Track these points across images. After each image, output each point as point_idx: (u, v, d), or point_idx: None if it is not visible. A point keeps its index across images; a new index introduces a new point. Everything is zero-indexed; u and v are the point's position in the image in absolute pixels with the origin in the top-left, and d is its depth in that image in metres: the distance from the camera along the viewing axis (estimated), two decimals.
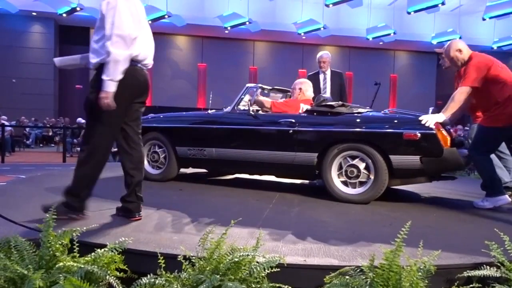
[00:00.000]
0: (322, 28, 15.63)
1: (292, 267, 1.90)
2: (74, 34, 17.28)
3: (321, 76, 5.19)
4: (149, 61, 2.75)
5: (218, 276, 1.58)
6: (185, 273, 1.75)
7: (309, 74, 5.42)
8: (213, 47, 18.38)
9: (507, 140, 3.41)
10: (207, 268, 1.74)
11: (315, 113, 3.82)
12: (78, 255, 1.88)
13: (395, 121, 3.51)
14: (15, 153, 10.88)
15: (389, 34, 15.98)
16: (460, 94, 3.30)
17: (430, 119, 3.29)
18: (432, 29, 16.86)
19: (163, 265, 1.79)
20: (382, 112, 3.88)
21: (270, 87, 4.72)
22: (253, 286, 1.72)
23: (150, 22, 15.29)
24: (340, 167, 3.59)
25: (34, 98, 16.12)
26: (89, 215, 2.70)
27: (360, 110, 3.86)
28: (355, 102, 4.43)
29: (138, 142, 2.81)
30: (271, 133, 3.91)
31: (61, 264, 1.76)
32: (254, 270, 1.71)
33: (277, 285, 1.75)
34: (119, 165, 2.87)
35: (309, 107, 3.99)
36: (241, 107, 4.20)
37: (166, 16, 14.91)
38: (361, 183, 3.53)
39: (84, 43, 16.33)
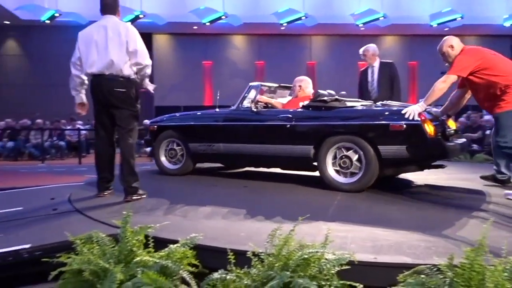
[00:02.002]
0: (381, 18, 15.01)
1: (362, 265, 1.85)
2: None
3: (369, 70, 5.02)
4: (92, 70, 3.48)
5: (288, 273, 1.58)
6: (254, 269, 1.77)
7: (362, 69, 5.25)
8: (270, 45, 18.39)
9: None
10: (276, 265, 1.74)
11: (310, 108, 4.01)
12: (153, 250, 1.97)
13: (383, 113, 3.70)
14: (89, 154, 11.67)
15: (455, 19, 14.99)
16: (441, 83, 3.38)
17: (412, 112, 3.40)
18: (504, 11, 15.57)
19: (233, 261, 1.82)
20: (375, 105, 4.06)
21: (276, 84, 4.99)
22: (323, 283, 1.70)
23: (208, 23, 15.75)
24: (334, 158, 3.77)
25: None
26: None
27: (353, 104, 4.01)
28: (422, 94, 4.24)
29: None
30: (271, 128, 4.16)
31: (138, 258, 1.86)
32: (324, 267, 1.69)
33: (348, 282, 1.71)
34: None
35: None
36: (245, 104, 4.43)
37: (223, 17, 15.18)
38: (353, 173, 3.69)
39: (147, 48, 17.09)
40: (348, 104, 3.95)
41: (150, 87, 3.69)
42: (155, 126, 5.01)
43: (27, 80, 17.29)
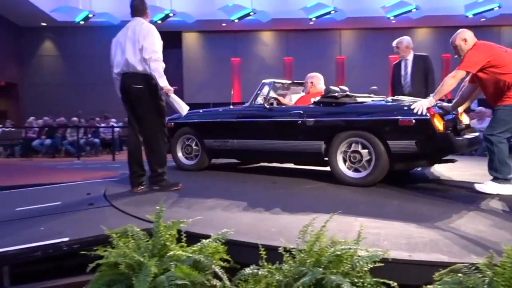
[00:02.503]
0: (414, 10, 14.60)
1: (396, 262, 1.81)
2: (168, 38, 18.43)
3: (402, 63, 4.86)
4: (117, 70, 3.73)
5: (320, 269, 1.57)
6: (286, 265, 1.76)
7: (394, 62, 5.12)
8: (299, 40, 18.25)
9: None
10: (308, 261, 1.73)
11: (321, 104, 4.08)
12: (185, 244, 2.00)
13: (392, 108, 3.71)
14: (123, 151, 11.98)
15: (492, 9, 14.39)
16: (451, 78, 3.34)
17: (421, 107, 3.42)
18: None
19: (265, 257, 1.82)
20: (385, 100, 4.06)
21: (290, 81, 5.12)
22: (355, 280, 1.68)
23: (236, 20, 15.79)
24: (344, 153, 3.82)
25: None
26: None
27: (364, 99, 4.05)
28: (456, 87, 4.11)
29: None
30: (283, 124, 4.23)
31: (171, 253, 1.89)
32: (357, 264, 1.67)
33: (381, 280, 1.68)
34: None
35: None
36: (258, 101, 4.54)
37: (251, 13, 15.19)
38: (363, 168, 3.73)
39: (177, 47, 17.34)
40: (359, 99, 4.00)
41: (163, 84, 3.55)
42: (172, 123, 5.14)
43: (63, 80, 17.92)
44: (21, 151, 10.99)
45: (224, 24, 17.13)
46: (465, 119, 4.13)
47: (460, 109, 3.99)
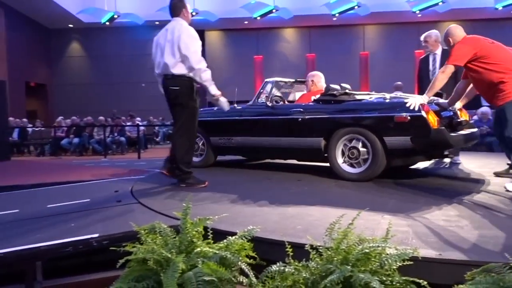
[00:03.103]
0: (440, 3, 14.28)
1: (426, 261, 1.77)
2: None
3: (430, 57, 4.74)
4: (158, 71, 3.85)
5: (348, 267, 1.55)
6: (313, 262, 1.75)
7: (421, 57, 5.00)
8: (321, 36, 18.11)
9: None
10: (335, 258, 1.72)
11: (320, 102, 4.21)
12: (212, 241, 2.02)
13: (388, 105, 3.81)
14: (147, 149, 12.19)
15: None
16: (441, 74, 3.39)
17: (414, 102, 3.49)
18: None
19: (291, 254, 1.82)
20: (383, 97, 4.08)
21: (293, 80, 5.25)
22: (384, 279, 1.65)
23: (259, 18, 15.79)
24: (343, 150, 3.94)
25: (159, 99, 17.76)
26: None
27: (362, 96, 4.14)
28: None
29: None
30: (284, 121, 4.34)
31: (198, 249, 1.91)
32: (385, 262, 1.64)
33: (411, 279, 1.65)
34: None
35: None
36: (261, 100, 4.68)
37: (274, 11, 15.16)
38: (361, 163, 3.85)
39: None
40: (358, 97, 4.09)
41: (213, 92, 3.82)
42: None
43: (89, 80, 18.35)
44: (50, 150, 11.33)
45: (246, 22, 17.16)
46: (464, 115, 4.17)
47: (459, 105, 3.97)
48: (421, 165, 4.75)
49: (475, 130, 4.21)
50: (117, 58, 17.91)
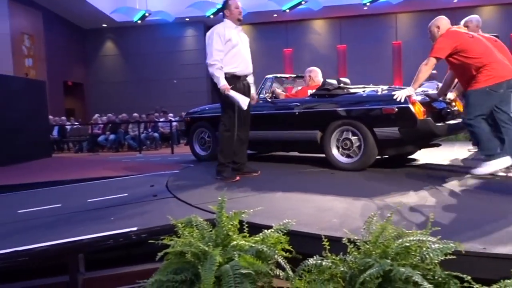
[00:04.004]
0: None
1: (470, 255, 1.71)
2: None
3: None
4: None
5: (388, 261, 1.52)
6: (350, 256, 1.73)
7: None
8: (352, 27, 17.74)
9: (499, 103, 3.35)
10: (374, 252, 1.69)
11: (316, 96, 4.44)
12: (248, 235, 2.03)
13: (378, 98, 4.01)
14: (180, 144, 12.38)
15: None
16: (424, 66, 3.52)
17: (401, 94, 3.67)
18: None
19: (328, 247, 1.80)
20: (374, 91, 4.24)
21: (294, 75, 5.54)
22: (425, 273, 1.61)
23: (288, 10, 15.64)
24: (337, 141, 4.16)
25: (191, 95, 18.03)
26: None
27: (355, 90, 4.34)
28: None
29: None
30: (283, 115, 4.55)
31: (234, 242, 1.92)
32: (427, 256, 1.59)
33: (453, 273, 1.60)
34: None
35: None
36: (262, 95, 4.90)
37: (303, 2, 14.98)
38: (354, 154, 4.07)
39: None
40: (351, 91, 4.30)
41: (219, 85, 3.78)
42: (188, 118, 5.73)
43: (123, 78, 18.81)
44: (88, 146, 11.71)
45: (275, 15, 17.06)
46: (458, 105, 4.28)
47: (452, 95, 4.14)
48: (464, 157, 4.59)
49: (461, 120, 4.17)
50: (149, 55, 18.26)
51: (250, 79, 4.13)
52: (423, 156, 4.86)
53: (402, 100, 3.67)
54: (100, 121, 12.83)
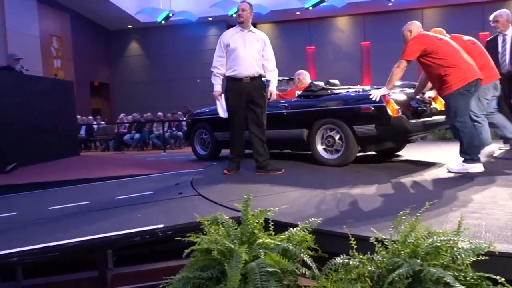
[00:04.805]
0: None
1: (503, 256, 1.65)
2: None
3: (499, 39, 4.39)
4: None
5: (418, 261, 1.49)
6: (378, 255, 1.70)
7: (488, 39, 4.64)
8: (376, 24, 17.45)
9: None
10: (402, 252, 1.65)
11: (302, 97, 4.81)
12: (273, 233, 2.02)
13: (356, 98, 4.33)
14: None
15: None
16: (396, 68, 3.79)
17: (375, 95, 3.99)
18: None
19: (355, 247, 1.77)
20: (355, 91, 4.61)
21: (287, 77, 5.96)
22: (456, 274, 1.56)
23: (310, 8, 15.52)
24: (322, 138, 4.45)
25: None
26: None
27: (340, 91, 4.64)
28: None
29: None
30: (273, 115, 4.68)
31: (260, 240, 1.92)
32: (458, 256, 1.55)
33: (486, 275, 1.55)
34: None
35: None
36: None
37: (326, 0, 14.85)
38: (337, 150, 4.38)
39: None
40: (335, 91, 4.60)
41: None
42: (190, 120, 6.26)
43: (148, 77, 19.11)
44: (114, 145, 11.96)
45: (298, 13, 16.97)
46: (439, 103, 4.51)
47: (432, 93, 4.45)
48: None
49: (440, 118, 4.42)
50: (173, 55, 18.47)
51: (271, 76, 4.29)
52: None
53: (378, 100, 3.98)
54: (125, 120, 13.08)
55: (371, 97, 4.02)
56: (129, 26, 18.43)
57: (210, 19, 17.40)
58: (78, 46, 16.00)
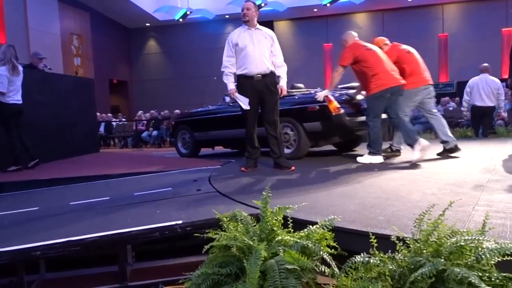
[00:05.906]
0: None
1: None
2: None
3: None
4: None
5: (442, 260, 1.46)
6: (399, 254, 1.67)
7: None
8: (395, 20, 17.20)
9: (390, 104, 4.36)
10: (425, 251, 1.62)
11: None
12: (292, 230, 2.01)
13: (305, 99, 5.03)
14: None
15: None
16: (334, 72, 4.56)
17: (319, 95, 4.71)
18: None
19: (376, 245, 1.75)
20: (308, 93, 5.28)
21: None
22: (480, 274, 1.53)
23: (328, 4, 15.38)
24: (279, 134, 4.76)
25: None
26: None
27: (297, 93, 5.32)
28: None
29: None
30: (239, 116, 4.68)
31: (279, 237, 1.91)
32: (482, 256, 1.51)
33: (511, 275, 1.51)
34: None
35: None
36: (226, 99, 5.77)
37: None
38: (292, 145, 5.01)
39: None
40: (293, 94, 5.22)
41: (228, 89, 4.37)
42: (173, 122, 6.92)
43: (165, 75, 19.28)
44: (132, 142, 12.11)
45: (315, 10, 16.87)
46: None
47: None
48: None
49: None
50: (190, 53, 18.59)
51: (280, 71, 4.28)
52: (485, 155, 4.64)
53: (321, 100, 4.64)
54: (143, 117, 13.22)
55: (316, 97, 4.68)
56: (147, 24, 18.61)
57: (227, 16, 17.43)
58: (98, 44, 16.24)
